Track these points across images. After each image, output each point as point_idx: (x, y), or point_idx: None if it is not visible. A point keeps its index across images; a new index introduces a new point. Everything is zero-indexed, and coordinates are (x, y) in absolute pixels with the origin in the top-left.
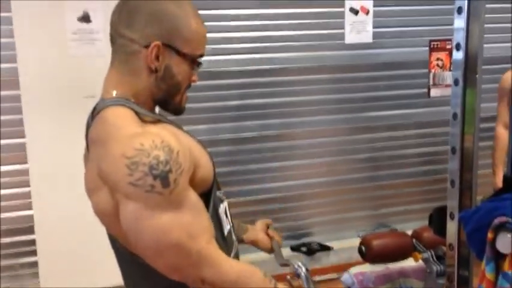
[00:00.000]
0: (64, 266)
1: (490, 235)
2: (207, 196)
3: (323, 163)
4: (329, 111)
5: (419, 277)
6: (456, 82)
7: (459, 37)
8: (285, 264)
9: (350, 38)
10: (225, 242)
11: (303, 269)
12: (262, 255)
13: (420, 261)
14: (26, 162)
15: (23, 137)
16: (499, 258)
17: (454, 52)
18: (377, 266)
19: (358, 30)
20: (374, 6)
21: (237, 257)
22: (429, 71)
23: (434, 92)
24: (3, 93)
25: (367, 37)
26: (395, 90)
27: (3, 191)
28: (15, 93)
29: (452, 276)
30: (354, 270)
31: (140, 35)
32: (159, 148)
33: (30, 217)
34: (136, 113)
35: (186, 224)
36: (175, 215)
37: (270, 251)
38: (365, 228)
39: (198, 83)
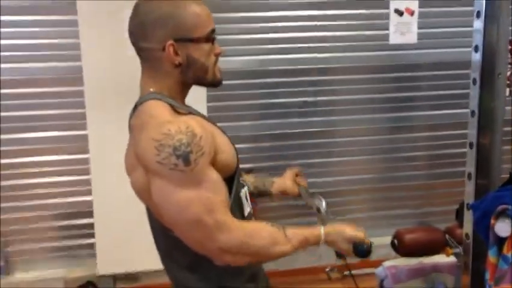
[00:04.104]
0: (119, 247)
1: (492, 221)
2: (231, 181)
3: (363, 161)
4: (370, 110)
5: (452, 272)
6: (474, 82)
7: (477, 39)
8: (309, 205)
9: (394, 38)
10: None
11: (323, 204)
12: None
13: (453, 256)
14: (87, 152)
15: (85, 129)
16: (501, 242)
17: (473, 53)
18: (411, 260)
19: (402, 31)
20: (420, 7)
21: None
22: None
23: None
24: (68, 89)
25: (412, 38)
26: (437, 91)
27: (66, 178)
28: (79, 89)
29: (467, 265)
30: (387, 263)
31: (155, 42)
32: (183, 133)
33: (90, 202)
34: (171, 106)
35: (205, 199)
36: (195, 191)
37: (298, 196)
38: (405, 226)
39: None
